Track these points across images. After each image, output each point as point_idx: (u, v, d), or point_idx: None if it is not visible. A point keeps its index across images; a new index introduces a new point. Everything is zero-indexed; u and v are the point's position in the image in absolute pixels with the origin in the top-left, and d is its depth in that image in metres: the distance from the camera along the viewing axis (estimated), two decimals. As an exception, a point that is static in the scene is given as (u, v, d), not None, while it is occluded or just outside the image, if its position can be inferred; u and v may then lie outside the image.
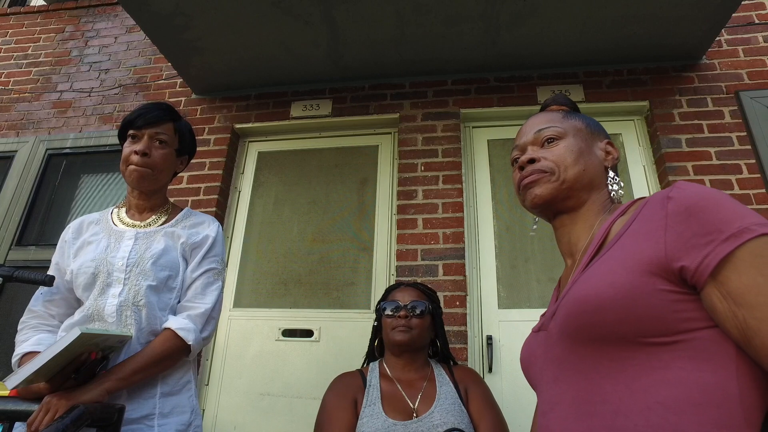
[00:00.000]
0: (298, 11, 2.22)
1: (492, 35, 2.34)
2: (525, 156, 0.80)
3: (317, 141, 2.74)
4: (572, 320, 0.63)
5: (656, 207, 0.61)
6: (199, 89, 2.86)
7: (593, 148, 0.80)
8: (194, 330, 1.17)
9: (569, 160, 0.77)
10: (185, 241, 1.25)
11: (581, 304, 0.62)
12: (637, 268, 0.57)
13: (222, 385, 2.27)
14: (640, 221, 0.62)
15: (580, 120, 0.83)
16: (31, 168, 2.88)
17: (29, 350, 1.12)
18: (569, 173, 0.76)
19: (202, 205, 2.50)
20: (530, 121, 0.85)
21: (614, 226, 0.69)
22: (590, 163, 0.78)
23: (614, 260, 0.61)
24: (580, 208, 0.78)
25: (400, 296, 1.45)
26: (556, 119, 0.82)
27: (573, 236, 0.78)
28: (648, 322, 0.56)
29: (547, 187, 0.77)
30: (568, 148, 0.78)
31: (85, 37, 3.31)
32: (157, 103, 1.28)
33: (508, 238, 2.32)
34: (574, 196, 0.77)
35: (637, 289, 0.56)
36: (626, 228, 0.64)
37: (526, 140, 0.83)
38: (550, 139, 0.80)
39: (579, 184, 0.76)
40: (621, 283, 0.58)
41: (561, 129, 0.80)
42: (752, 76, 2.43)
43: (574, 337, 0.63)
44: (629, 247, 0.61)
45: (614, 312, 0.57)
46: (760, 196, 2.14)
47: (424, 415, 1.24)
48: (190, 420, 1.16)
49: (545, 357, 0.70)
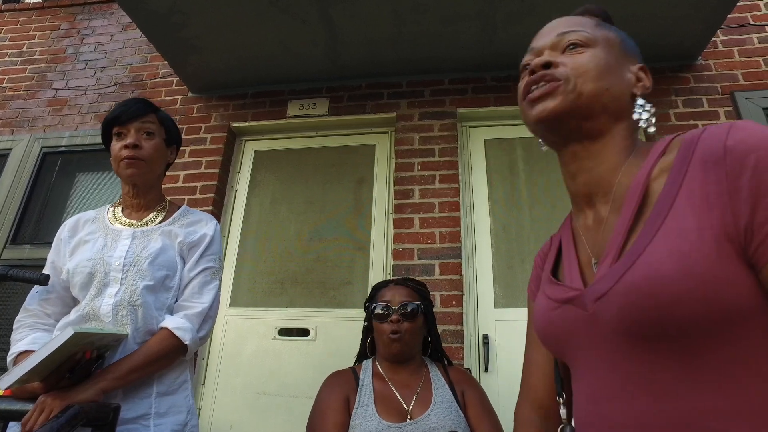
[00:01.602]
0: (296, 10, 2.22)
1: (489, 34, 2.35)
2: (538, 59, 0.65)
3: (314, 140, 2.74)
4: (639, 316, 0.50)
5: (711, 163, 0.49)
6: (195, 88, 2.85)
7: (623, 69, 0.66)
8: (191, 329, 1.16)
9: (592, 72, 0.62)
10: (182, 240, 1.25)
11: (650, 296, 0.49)
12: (710, 248, 0.47)
13: (218, 385, 2.26)
14: (694, 179, 0.51)
15: (615, 33, 0.68)
16: (26, 166, 2.87)
17: (24, 349, 1.11)
18: (588, 87, 0.61)
19: (198, 204, 2.49)
20: (554, 23, 0.70)
21: (654, 176, 0.57)
22: (616, 83, 0.63)
23: (677, 234, 0.49)
24: (600, 139, 0.63)
25: (389, 296, 1.38)
26: (587, 24, 0.67)
27: (593, 176, 0.63)
28: (735, 311, 0.46)
29: (558, 99, 0.61)
30: (594, 59, 0.63)
31: (81, 35, 3.29)
32: (135, 98, 1.28)
33: (505, 238, 2.33)
34: (592, 117, 0.62)
35: (720, 276, 0.46)
36: (677, 184, 0.52)
37: (545, 43, 0.68)
38: (573, 45, 0.65)
39: (599, 103, 0.62)
40: (700, 269, 0.47)
41: (590, 35, 0.65)
42: (747, 77, 2.44)
43: (639, 335, 0.51)
44: (690, 214, 0.49)
45: (696, 305, 0.47)
46: (754, 196, 2.15)
47: (420, 418, 1.22)
48: (186, 420, 1.15)
49: (590, 343, 0.58)
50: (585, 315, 0.58)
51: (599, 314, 0.56)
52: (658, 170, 0.57)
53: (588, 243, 0.64)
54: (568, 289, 0.63)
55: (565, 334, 0.62)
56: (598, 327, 0.56)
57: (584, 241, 0.65)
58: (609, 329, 0.55)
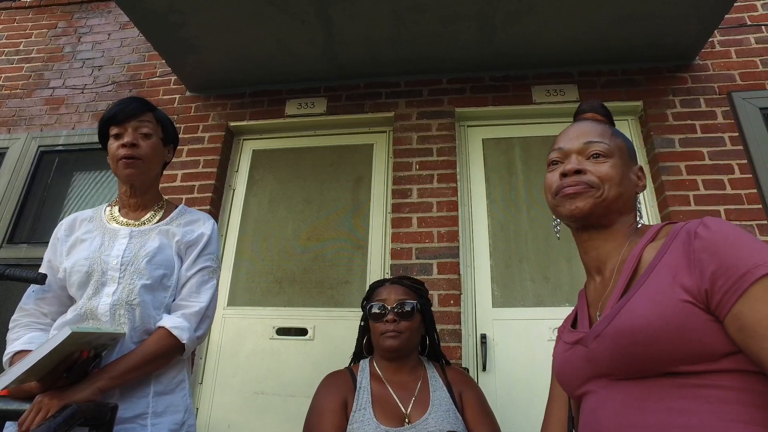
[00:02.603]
0: (294, 9, 2.22)
1: (488, 34, 2.35)
2: (572, 165, 0.81)
3: (312, 139, 2.74)
4: (623, 351, 0.66)
5: (685, 242, 0.67)
6: (193, 87, 2.84)
7: (630, 172, 0.83)
8: (189, 329, 1.16)
9: (615, 179, 0.79)
10: (180, 239, 1.25)
11: (631, 335, 0.65)
12: (678, 299, 0.62)
13: (216, 384, 2.26)
14: (672, 253, 0.68)
15: (623, 141, 0.86)
16: (23, 165, 2.86)
17: (21, 349, 1.11)
18: (612, 192, 0.79)
19: (196, 203, 2.49)
20: (579, 128, 0.86)
21: (646, 252, 0.74)
22: (627, 187, 0.82)
23: (655, 290, 0.66)
24: (611, 227, 0.81)
25: (386, 294, 1.37)
26: (606, 134, 0.84)
27: (602, 253, 0.81)
28: (697, 348, 0.61)
29: (588, 202, 0.79)
30: (615, 168, 0.80)
31: (78, 33, 3.28)
32: (132, 97, 1.28)
33: (503, 237, 2.33)
34: (609, 215, 0.80)
35: (683, 318, 0.61)
36: (660, 258, 0.69)
37: (572, 147, 0.84)
38: (597, 155, 0.82)
39: (616, 205, 0.80)
40: (669, 313, 0.62)
41: (609, 147, 0.82)
42: (744, 77, 2.45)
43: (623, 367, 0.67)
44: (666, 277, 0.66)
45: (666, 342, 0.62)
46: (751, 196, 2.16)
47: (418, 422, 1.20)
48: (184, 419, 1.15)
49: (591, 374, 0.74)
50: (586, 351, 0.74)
51: (596, 350, 0.72)
52: (650, 248, 0.74)
53: (595, 300, 0.81)
54: (578, 332, 0.80)
55: (573, 369, 0.78)
56: (595, 361, 0.72)
57: (593, 299, 0.83)
58: (604, 362, 0.70)
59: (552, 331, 2.08)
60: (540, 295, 2.19)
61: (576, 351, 0.78)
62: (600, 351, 0.71)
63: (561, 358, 0.83)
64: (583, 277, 0.89)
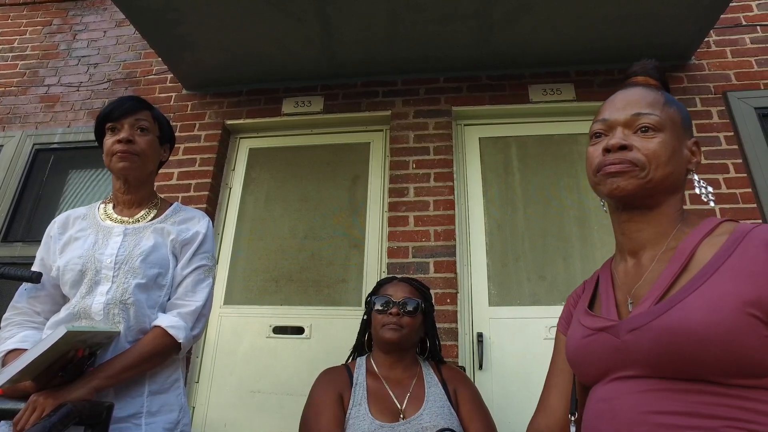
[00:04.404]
0: (291, 8, 2.21)
1: (485, 33, 2.35)
2: (616, 140, 0.73)
3: (309, 138, 2.73)
4: (668, 350, 0.61)
5: (760, 248, 0.61)
6: (190, 85, 2.83)
7: (683, 147, 0.75)
8: (184, 328, 1.16)
9: (663, 158, 0.71)
10: (175, 237, 1.24)
11: (681, 336, 0.60)
12: (740, 309, 0.58)
13: (212, 383, 2.26)
14: (742, 258, 0.62)
15: (677, 111, 0.77)
16: (18, 163, 2.84)
17: (14, 347, 1.10)
18: (659, 173, 0.71)
19: (192, 202, 2.48)
20: (627, 95, 0.77)
21: (700, 248, 0.67)
22: (679, 164, 0.74)
23: (715, 294, 0.60)
24: (656, 209, 0.74)
25: (392, 291, 1.41)
26: (658, 104, 0.75)
27: (643, 236, 0.74)
28: (744, 363, 0.57)
29: (632, 182, 0.71)
30: (664, 145, 0.72)
31: (74, 31, 3.26)
32: (128, 96, 1.28)
33: (499, 236, 2.34)
34: (654, 196, 0.73)
35: (740, 330, 0.57)
36: (723, 259, 0.63)
37: (618, 119, 0.75)
38: (645, 128, 0.73)
39: (663, 186, 0.72)
40: (725, 321, 0.58)
41: (660, 119, 0.73)
42: (739, 77, 2.46)
43: (661, 366, 0.62)
44: (731, 283, 0.60)
45: (714, 350, 0.58)
46: (746, 196, 2.18)
47: (413, 417, 1.22)
48: (179, 418, 1.15)
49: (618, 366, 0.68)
50: (617, 342, 0.68)
51: (631, 343, 0.66)
52: (706, 244, 0.68)
53: (626, 285, 0.75)
54: (604, 320, 0.73)
55: (596, 357, 0.72)
56: (628, 353, 0.66)
57: (622, 283, 0.76)
58: (640, 356, 0.65)
59: (548, 329, 2.08)
60: (536, 294, 2.20)
61: (601, 338, 0.71)
62: (638, 345, 0.65)
63: (579, 344, 0.76)
64: (579, 275, 0.90)
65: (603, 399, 0.68)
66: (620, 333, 0.68)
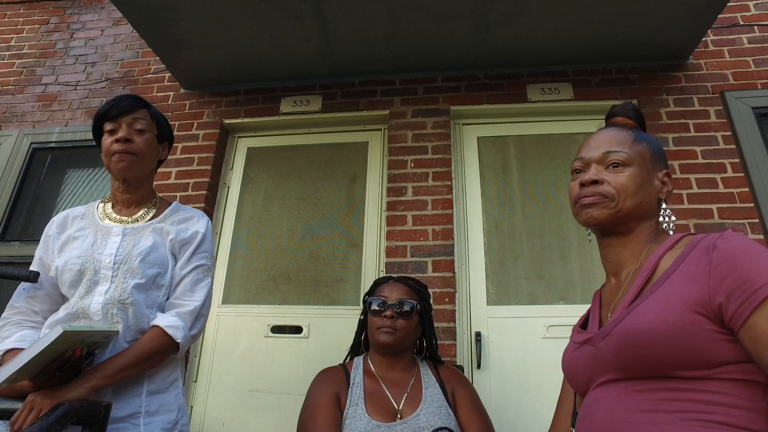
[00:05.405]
0: (289, 6, 2.21)
1: (482, 33, 2.35)
2: (589, 176, 0.84)
3: (307, 137, 2.73)
4: (627, 351, 0.70)
5: (703, 254, 0.69)
6: (187, 84, 2.82)
7: (653, 178, 0.85)
8: (183, 328, 1.15)
9: (631, 190, 0.81)
10: (174, 237, 1.24)
11: (636, 337, 0.68)
12: (686, 308, 0.65)
13: (210, 382, 2.26)
14: (689, 264, 0.70)
15: (647, 146, 0.86)
16: (15, 162, 2.83)
17: (12, 347, 1.10)
18: (627, 203, 0.81)
19: (190, 201, 2.48)
20: (600, 136, 0.88)
21: (663, 260, 0.76)
22: (648, 194, 0.83)
23: (665, 298, 0.69)
24: (630, 234, 0.84)
25: (387, 292, 1.39)
26: (626, 142, 0.85)
27: (621, 258, 0.84)
28: (694, 356, 0.64)
29: (603, 212, 0.82)
30: (632, 178, 0.82)
31: (71, 29, 3.25)
32: (126, 94, 1.27)
33: (497, 235, 2.34)
34: (627, 223, 0.83)
35: (687, 327, 0.64)
36: (675, 267, 0.72)
37: (592, 157, 0.86)
38: (616, 164, 0.83)
39: (633, 214, 0.82)
40: (673, 320, 0.65)
41: (629, 156, 0.83)
42: (737, 77, 2.46)
43: (625, 366, 0.70)
44: (678, 286, 0.69)
45: (666, 347, 0.65)
46: (743, 195, 2.18)
47: (410, 417, 1.22)
48: (177, 418, 1.15)
49: (597, 373, 0.76)
50: (593, 350, 0.78)
51: (602, 349, 0.75)
52: (667, 257, 0.76)
53: (609, 302, 0.85)
54: (587, 333, 0.83)
55: (580, 367, 0.81)
56: (601, 359, 0.75)
57: (607, 300, 0.86)
58: (609, 360, 0.74)
59: (546, 328, 2.09)
60: (534, 293, 2.20)
61: (584, 350, 0.81)
62: (606, 350, 0.74)
63: (569, 357, 0.86)
64: (577, 275, 0.92)
65: (586, 405, 0.76)
66: (596, 342, 0.78)
